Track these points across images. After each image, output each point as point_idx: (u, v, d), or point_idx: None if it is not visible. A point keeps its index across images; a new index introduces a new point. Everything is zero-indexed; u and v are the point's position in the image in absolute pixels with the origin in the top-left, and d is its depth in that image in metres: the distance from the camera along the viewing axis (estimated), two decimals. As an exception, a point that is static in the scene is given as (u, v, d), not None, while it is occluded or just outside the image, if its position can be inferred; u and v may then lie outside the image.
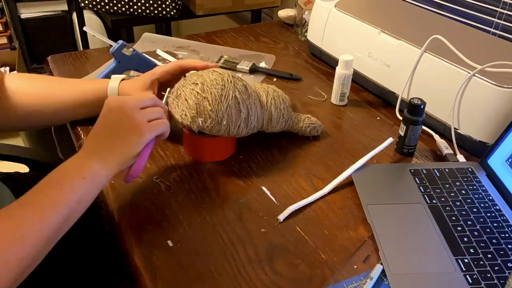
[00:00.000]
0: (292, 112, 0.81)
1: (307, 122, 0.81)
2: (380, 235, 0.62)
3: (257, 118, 0.73)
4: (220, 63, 1.07)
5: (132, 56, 0.90)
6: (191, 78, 0.71)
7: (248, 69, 1.05)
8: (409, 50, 0.88)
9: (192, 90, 0.69)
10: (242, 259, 0.60)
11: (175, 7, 1.50)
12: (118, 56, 0.89)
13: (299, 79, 1.05)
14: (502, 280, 0.56)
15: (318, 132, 0.83)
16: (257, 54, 1.15)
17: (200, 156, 0.77)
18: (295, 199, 0.70)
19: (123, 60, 0.89)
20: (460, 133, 0.82)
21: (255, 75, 1.06)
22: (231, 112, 0.69)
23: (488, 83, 0.76)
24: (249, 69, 1.06)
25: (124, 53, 0.89)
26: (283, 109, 0.78)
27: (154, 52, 1.12)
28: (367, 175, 0.74)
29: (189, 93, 0.69)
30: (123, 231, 0.63)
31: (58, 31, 2.51)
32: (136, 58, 0.90)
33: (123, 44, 0.89)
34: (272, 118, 0.77)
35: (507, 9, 0.98)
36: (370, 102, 0.98)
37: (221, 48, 1.18)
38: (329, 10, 1.05)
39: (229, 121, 0.69)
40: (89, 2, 1.50)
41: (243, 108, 0.70)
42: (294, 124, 0.81)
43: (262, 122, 0.76)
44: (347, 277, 0.58)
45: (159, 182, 0.71)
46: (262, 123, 0.76)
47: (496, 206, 0.68)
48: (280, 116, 0.77)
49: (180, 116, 0.70)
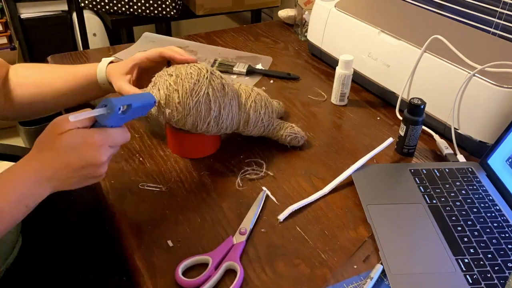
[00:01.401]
0: (274, 119, 0.79)
1: (288, 131, 0.79)
2: (380, 235, 0.62)
3: (231, 118, 0.72)
4: (215, 67, 1.06)
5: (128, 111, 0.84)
6: (170, 69, 0.71)
7: (245, 71, 1.05)
8: (409, 50, 0.88)
9: (166, 81, 0.69)
10: (242, 259, 0.60)
11: (175, 7, 1.50)
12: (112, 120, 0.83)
13: (297, 78, 1.05)
14: (502, 280, 0.56)
15: (299, 143, 0.80)
16: (254, 56, 1.15)
17: (178, 151, 0.77)
18: (295, 199, 0.70)
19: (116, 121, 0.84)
20: (460, 133, 0.82)
21: (252, 76, 1.06)
22: (200, 108, 0.68)
23: (488, 83, 0.76)
24: (246, 71, 1.05)
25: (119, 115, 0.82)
26: (263, 113, 0.76)
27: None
28: (367, 175, 0.74)
29: (163, 83, 0.69)
30: (123, 231, 0.63)
31: (58, 31, 2.50)
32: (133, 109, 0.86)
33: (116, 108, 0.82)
34: (250, 121, 0.75)
35: (507, 9, 0.98)
36: (370, 102, 0.98)
37: (218, 49, 1.18)
38: (329, 10, 1.05)
39: (197, 116, 0.69)
40: (89, 2, 1.50)
41: (214, 106, 0.69)
42: (275, 131, 0.79)
43: (238, 124, 0.75)
44: (347, 277, 0.58)
45: (147, 187, 0.71)
46: (237, 124, 0.75)
47: (496, 206, 0.68)
48: (258, 120, 0.76)
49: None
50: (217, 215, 0.66)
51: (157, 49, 0.77)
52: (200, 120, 0.69)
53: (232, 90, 0.73)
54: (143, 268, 0.58)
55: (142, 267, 0.58)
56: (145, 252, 0.60)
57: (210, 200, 0.69)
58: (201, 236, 0.63)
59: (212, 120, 0.70)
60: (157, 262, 0.59)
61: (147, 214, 0.66)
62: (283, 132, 0.79)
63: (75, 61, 1.08)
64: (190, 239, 0.62)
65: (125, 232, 0.63)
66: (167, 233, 0.63)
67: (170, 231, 0.63)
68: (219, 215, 0.66)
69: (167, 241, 0.62)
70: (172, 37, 1.26)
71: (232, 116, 0.72)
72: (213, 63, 1.07)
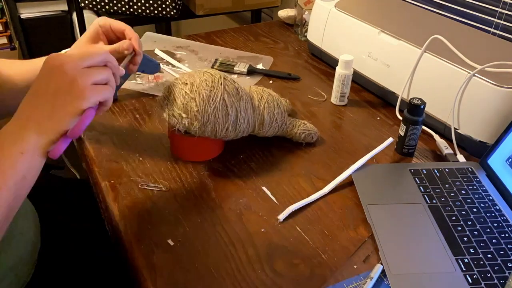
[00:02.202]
0: (287, 117, 0.80)
1: (302, 128, 0.80)
2: (380, 235, 0.62)
3: (247, 121, 0.73)
4: (216, 66, 1.06)
5: None
6: (183, 77, 0.71)
7: (245, 70, 1.05)
8: (409, 50, 0.88)
9: (181, 90, 0.69)
10: (242, 259, 0.60)
11: (175, 7, 1.50)
12: None
13: (298, 78, 1.05)
14: (502, 280, 0.56)
15: (313, 139, 0.81)
16: (254, 56, 1.15)
17: (181, 154, 0.77)
18: (295, 199, 0.70)
19: None
20: (460, 133, 0.82)
21: (252, 76, 1.06)
22: (218, 114, 0.68)
23: (488, 83, 0.76)
24: (247, 71, 1.05)
25: None
26: (276, 113, 0.77)
27: (153, 52, 1.12)
28: (367, 175, 0.74)
29: (178, 92, 0.69)
30: (123, 230, 0.63)
31: (58, 31, 2.50)
32: (142, 59, 0.89)
33: None
34: (264, 122, 0.76)
35: (507, 9, 0.98)
36: (370, 102, 0.98)
37: (219, 49, 1.18)
38: (329, 10, 1.05)
39: (216, 123, 0.69)
40: (89, 2, 1.50)
41: (231, 111, 0.69)
42: (288, 130, 0.80)
43: (254, 126, 0.75)
44: (347, 277, 0.58)
45: (146, 187, 0.71)
46: (253, 126, 0.75)
47: (496, 206, 0.68)
48: (273, 120, 0.77)
49: (168, 115, 0.70)
50: (217, 215, 0.66)
51: (123, 25, 0.72)
52: (219, 126, 0.69)
53: (246, 93, 0.73)
54: (143, 268, 0.58)
55: (142, 267, 0.58)
56: (145, 252, 0.60)
57: (210, 200, 0.69)
58: (201, 236, 0.63)
59: (231, 125, 0.70)
60: (157, 262, 0.59)
61: (147, 214, 0.66)
62: (297, 130, 0.80)
63: (75, 61, 1.08)
64: (190, 239, 0.62)
65: (125, 232, 0.63)
66: (167, 233, 0.63)
67: (170, 231, 0.63)
68: (219, 215, 0.66)
69: (167, 240, 0.62)
70: (173, 37, 1.26)
71: (248, 119, 0.73)
72: (214, 62, 1.08)
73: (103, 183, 0.71)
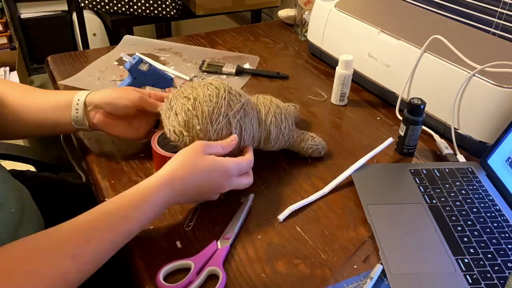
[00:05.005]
0: (294, 130, 0.76)
1: (310, 142, 0.76)
2: (380, 235, 0.62)
3: (252, 136, 0.69)
4: (204, 68, 1.05)
5: (148, 72, 0.85)
6: (186, 90, 0.66)
7: (234, 71, 1.05)
8: (409, 50, 0.88)
9: (183, 105, 0.64)
10: (242, 259, 0.60)
11: (175, 7, 1.50)
12: (134, 72, 0.83)
13: (286, 77, 1.05)
14: (502, 280, 0.56)
15: (321, 153, 0.78)
16: (240, 56, 1.14)
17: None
18: (295, 199, 0.70)
19: (139, 76, 0.84)
20: (460, 133, 0.82)
21: (241, 76, 1.05)
22: (221, 133, 0.65)
23: (488, 83, 0.76)
24: (235, 71, 1.05)
25: (140, 69, 0.84)
26: (283, 128, 0.73)
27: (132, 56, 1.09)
28: (367, 175, 0.74)
29: (180, 107, 0.65)
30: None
31: (58, 31, 2.51)
32: (152, 73, 0.85)
33: (140, 60, 0.84)
34: (270, 136, 0.72)
35: (507, 9, 0.98)
36: (370, 102, 0.98)
37: (203, 50, 1.16)
38: (329, 10, 1.05)
39: (217, 141, 0.65)
40: (89, 2, 1.50)
41: (234, 130, 0.66)
42: (296, 144, 0.76)
43: (259, 141, 0.72)
44: (347, 277, 0.58)
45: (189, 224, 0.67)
46: (258, 141, 0.72)
47: (496, 206, 0.68)
48: (279, 135, 0.73)
49: (169, 130, 0.65)
50: (217, 215, 0.66)
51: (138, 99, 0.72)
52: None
53: (252, 108, 0.69)
54: (143, 268, 0.58)
55: (141, 267, 0.58)
56: (145, 252, 0.60)
57: (210, 201, 0.69)
58: (201, 236, 0.63)
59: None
60: (157, 262, 0.59)
61: (147, 214, 0.66)
62: (304, 145, 0.76)
63: (75, 61, 1.08)
64: (190, 239, 0.62)
65: (125, 232, 0.63)
66: (167, 233, 0.63)
67: (170, 231, 0.63)
68: (219, 215, 0.66)
69: (167, 241, 0.62)
70: (167, 38, 1.25)
71: (253, 134, 0.69)
72: (201, 64, 1.06)
73: (103, 183, 0.71)
